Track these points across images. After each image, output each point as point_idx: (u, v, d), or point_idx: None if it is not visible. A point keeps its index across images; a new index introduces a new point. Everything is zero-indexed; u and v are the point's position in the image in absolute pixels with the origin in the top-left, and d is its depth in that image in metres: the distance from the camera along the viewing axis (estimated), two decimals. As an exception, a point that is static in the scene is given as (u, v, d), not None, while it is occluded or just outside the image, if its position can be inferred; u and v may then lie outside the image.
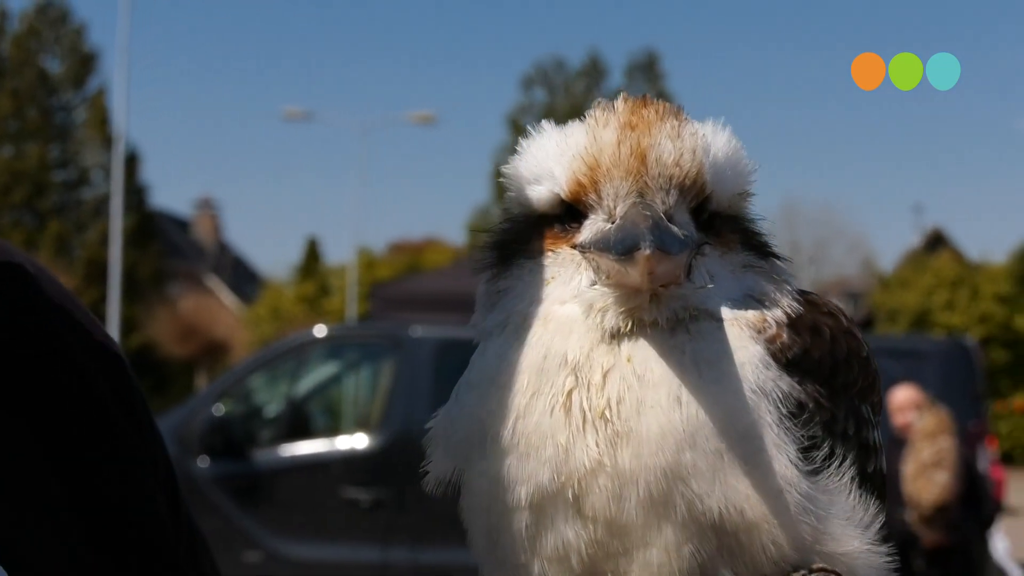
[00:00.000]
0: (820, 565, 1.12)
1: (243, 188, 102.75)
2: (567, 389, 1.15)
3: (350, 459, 10.47)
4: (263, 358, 11.59)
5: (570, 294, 1.20)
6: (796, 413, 1.16)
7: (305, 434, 11.08)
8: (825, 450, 1.18)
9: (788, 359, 1.18)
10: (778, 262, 1.28)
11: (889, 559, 1.20)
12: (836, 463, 1.18)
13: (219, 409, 10.85)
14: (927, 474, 8.49)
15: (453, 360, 9.81)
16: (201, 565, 1.49)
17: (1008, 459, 30.80)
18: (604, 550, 1.14)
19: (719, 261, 1.23)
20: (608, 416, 1.13)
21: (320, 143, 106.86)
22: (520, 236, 1.28)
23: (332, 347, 11.93)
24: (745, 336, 1.17)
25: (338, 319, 34.13)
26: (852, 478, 1.19)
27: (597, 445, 1.13)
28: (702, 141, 1.21)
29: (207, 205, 67.56)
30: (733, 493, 1.11)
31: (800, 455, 1.15)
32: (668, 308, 1.16)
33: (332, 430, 11.81)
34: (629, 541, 1.13)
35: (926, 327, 38.78)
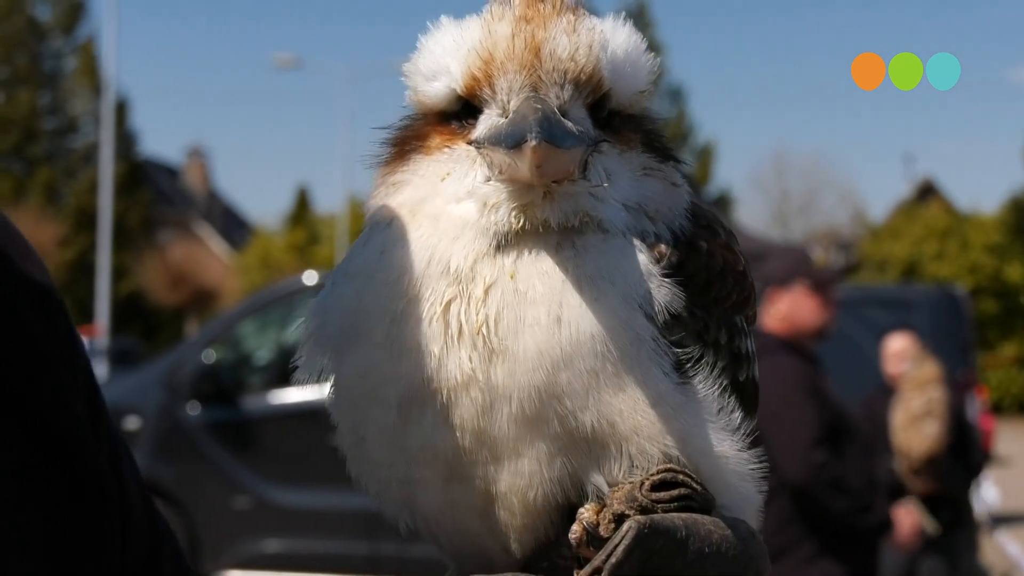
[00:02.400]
0: (667, 465, 1.13)
1: (233, 136, 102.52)
2: (446, 299, 1.14)
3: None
4: (253, 305, 11.56)
5: (464, 190, 1.18)
6: (671, 325, 1.16)
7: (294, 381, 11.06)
8: (697, 359, 1.18)
9: (665, 272, 1.17)
10: (677, 165, 1.27)
11: (756, 464, 1.21)
12: (706, 371, 1.19)
13: (209, 356, 10.85)
14: (917, 424, 8.45)
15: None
16: (121, 472, 1.46)
17: (997, 409, 30.97)
18: (471, 457, 1.15)
19: (618, 160, 1.21)
20: (485, 333, 1.12)
21: (310, 90, 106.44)
22: (417, 133, 1.25)
23: (322, 294, 11.89)
24: (630, 250, 1.16)
25: (328, 268, 34.03)
26: (723, 386, 1.20)
27: (471, 360, 1.13)
28: (599, 36, 1.19)
29: (197, 153, 67.28)
30: (607, 408, 1.12)
31: (673, 367, 1.15)
32: (560, 208, 1.15)
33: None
34: (499, 451, 1.14)
35: (916, 277, 38.88)
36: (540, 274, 1.13)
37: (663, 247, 1.19)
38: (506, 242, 1.15)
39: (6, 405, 1.33)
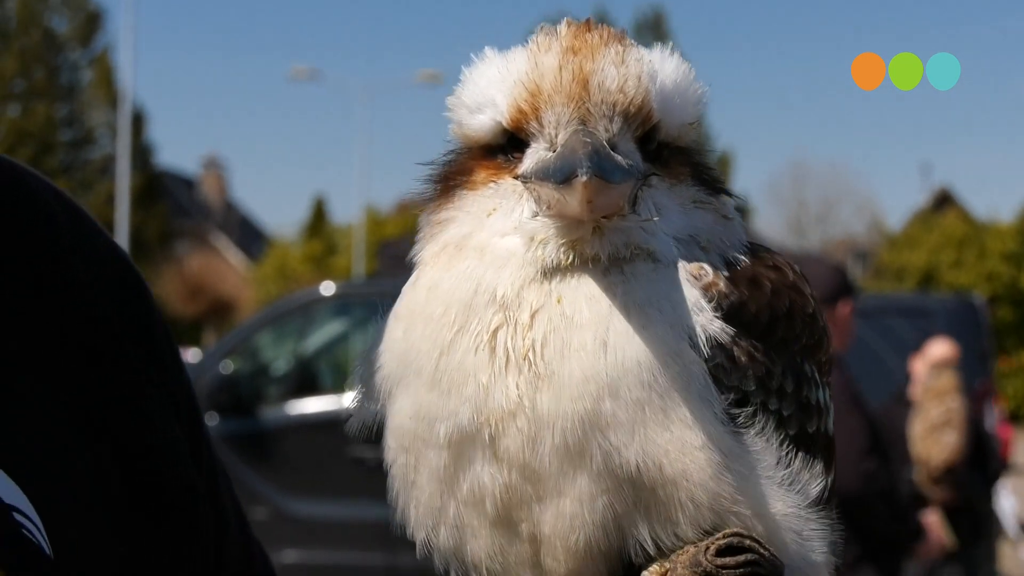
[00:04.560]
0: (734, 530, 1.09)
1: (250, 147, 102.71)
2: (493, 327, 1.13)
3: (357, 417, 10.45)
4: (270, 315, 11.56)
5: (511, 226, 1.16)
6: (726, 366, 1.12)
7: (312, 391, 11.06)
8: (756, 407, 1.14)
9: (724, 309, 1.14)
10: (728, 199, 1.24)
11: (823, 523, 1.16)
12: (766, 421, 1.14)
13: (227, 367, 10.84)
14: (936, 434, 8.45)
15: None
16: (219, 494, 1.46)
17: (1014, 418, 30.82)
18: (518, 496, 1.12)
19: (667, 193, 1.19)
20: (531, 358, 1.11)
21: (327, 102, 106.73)
22: (462, 168, 1.23)
23: (340, 304, 11.89)
24: (681, 281, 1.13)
25: (344, 278, 34.20)
26: (785, 438, 1.16)
27: (517, 387, 1.11)
28: (648, 67, 1.17)
29: (213, 164, 67.37)
30: (652, 447, 1.08)
31: (727, 410, 1.12)
32: (610, 242, 1.12)
33: (339, 388, 11.80)
34: (543, 488, 1.11)
35: (933, 286, 38.73)
36: (587, 298, 1.11)
37: (719, 281, 1.15)
38: (553, 270, 1.13)
39: (94, 427, 1.31)
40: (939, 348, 8.93)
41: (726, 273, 1.16)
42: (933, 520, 7.93)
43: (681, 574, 1.07)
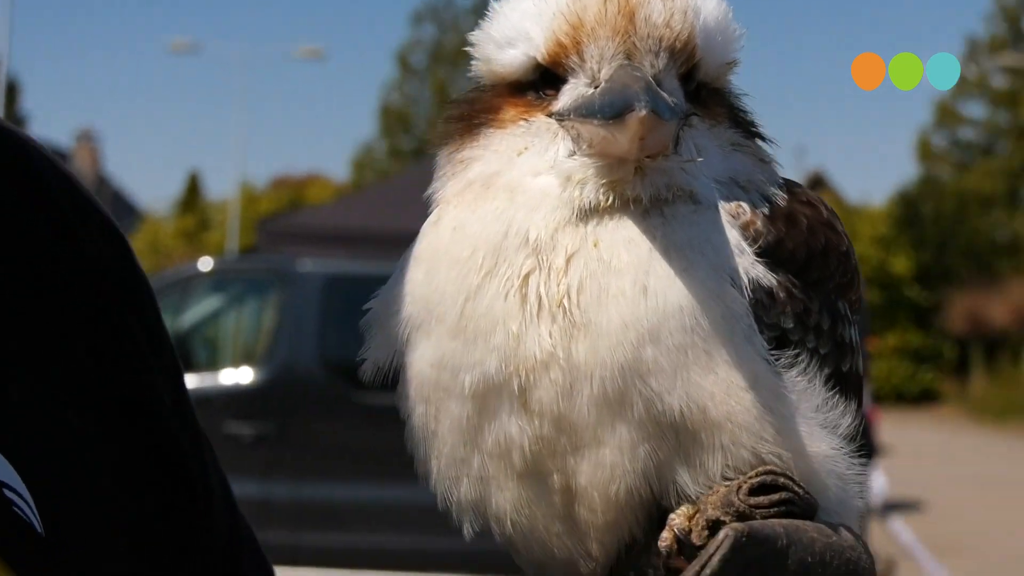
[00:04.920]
0: (767, 467, 1.05)
1: (125, 121, 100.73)
2: (524, 272, 1.07)
3: (233, 393, 10.33)
4: (146, 291, 11.36)
5: (545, 165, 1.11)
6: (767, 304, 1.09)
7: (188, 368, 10.94)
8: (796, 345, 1.11)
9: (761, 247, 1.10)
10: (763, 143, 1.20)
11: (859, 465, 1.13)
12: (807, 359, 1.11)
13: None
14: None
15: (341, 295, 9.75)
16: (204, 460, 1.42)
17: (878, 399, 31.65)
18: (550, 447, 1.08)
19: (707, 135, 1.14)
20: (566, 305, 1.06)
21: (206, 76, 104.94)
22: (488, 105, 1.17)
23: (217, 280, 11.74)
24: (721, 222, 1.09)
25: (218, 254, 33.68)
26: (824, 376, 1.13)
27: (551, 336, 1.06)
28: (692, 2, 1.13)
29: (87, 137, 65.76)
30: (696, 391, 1.04)
31: (769, 349, 1.08)
32: (652, 183, 1.08)
33: (215, 364, 11.66)
34: (579, 439, 1.06)
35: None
36: (626, 242, 1.06)
37: (756, 219, 1.11)
38: (590, 211, 1.08)
39: (92, 387, 1.29)
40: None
41: (765, 211, 1.13)
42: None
43: (712, 516, 1.03)
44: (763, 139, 1.21)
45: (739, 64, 1.20)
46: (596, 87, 1.09)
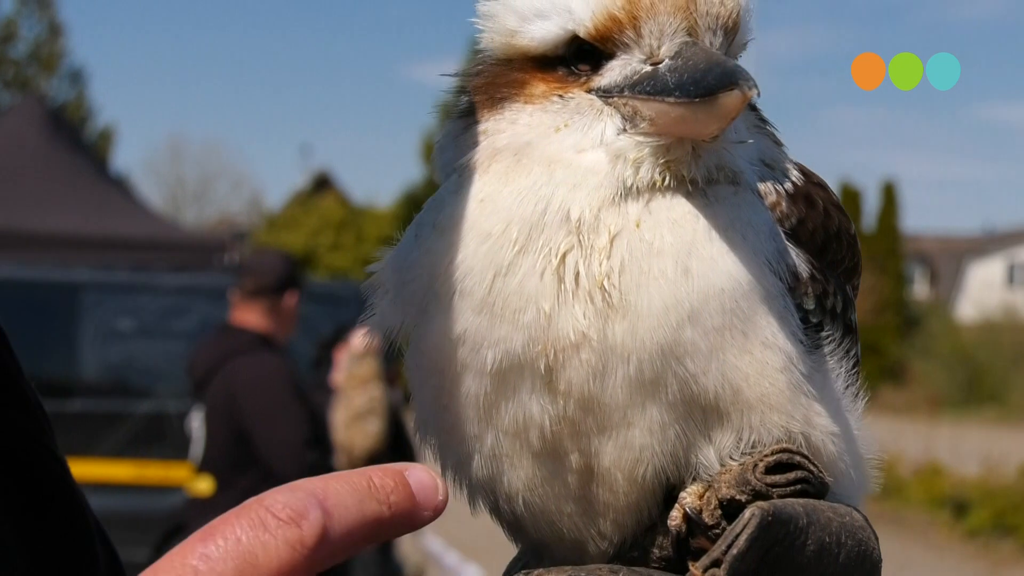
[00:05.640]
0: (782, 445, 1.05)
1: None
2: (563, 251, 1.05)
3: None
4: None
5: (590, 143, 1.07)
6: (793, 285, 1.10)
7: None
8: (822, 327, 1.12)
9: (787, 229, 1.11)
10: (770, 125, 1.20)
11: (871, 445, 1.17)
12: (830, 341, 1.13)
13: None
14: (359, 422, 8.60)
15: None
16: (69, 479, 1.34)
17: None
18: (573, 428, 1.06)
19: (740, 116, 1.11)
20: (606, 287, 1.03)
21: None
22: (510, 79, 1.13)
23: None
24: (759, 203, 1.10)
25: None
26: (842, 358, 1.15)
27: (585, 316, 1.04)
28: None
29: None
30: (732, 371, 1.04)
31: (803, 331, 1.09)
32: (705, 164, 1.07)
33: None
34: (607, 420, 1.05)
35: (312, 268, 39.81)
36: (670, 223, 1.05)
37: (781, 201, 1.12)
38: (632, 191, 1.06)
39: None
40: (358, 335, 9.07)
41: (787, 192, 1.13)
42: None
43: (726, 494, 1.02)
44: (766, 122, 1.21)
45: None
46: (656, 64, 1.07)
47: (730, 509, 1.01)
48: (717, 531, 1.00)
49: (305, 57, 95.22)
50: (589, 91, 1.10)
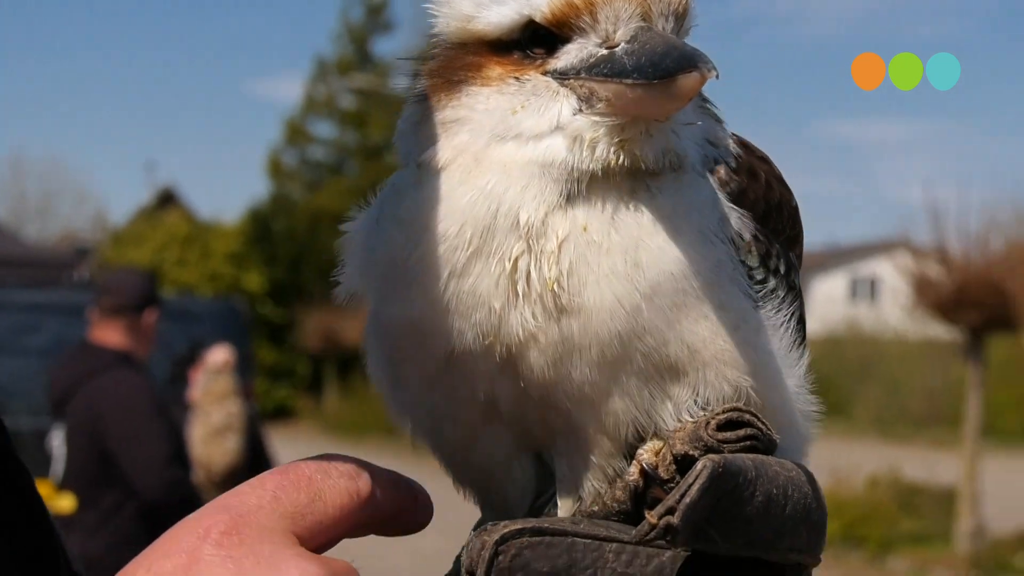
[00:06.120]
0: (733, 404, 1.11)
1: None
2: (515, 256, 1.10)
3: None
4: None
5: (548, 125, 1.12)
6: (742, 248, 1.16)
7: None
8: (766, 283, 1.18)
9: (728, 196, 1.17)
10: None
11: (813, 402, 1.23)
12: (775, 298, 1.19)
13: None
14: (218, 438, 8.59)
15: None
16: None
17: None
18: (542, 404, 1.12)
19: None
20: (556, 290, 1.09)
21: None
22: (466, 63, 1.17)
23: None
24: (702, 182, 1.16)
25: None
26: (793, 316, 1.21)
27: (535, 317, 1.09)
28: None
29: None
30: (690, 336, 1.11)
31: (751, 287, 1.16)
32: (655, 145, 1.12)
33: None
34: (580, 394, 1.10)
35: (158, 284, 39.04)
36: (615, 222, 1.10)
37: (724, 172, 1.18)
38: (578, 191, 1.10)
39: None
40: (218, 353, 9.10)
41: (732, 165, 1.19)
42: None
43: (680, 450, 1.08)
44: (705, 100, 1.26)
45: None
46: (611, 47, 1.11)
47: (684, 464, 1.06)
48: (672, 485, 1.06)
49: (148, 73, 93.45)
50: (545, 73, 1.13)
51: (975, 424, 15.67)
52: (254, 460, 8.79)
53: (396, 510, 1.11)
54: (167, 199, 52.20)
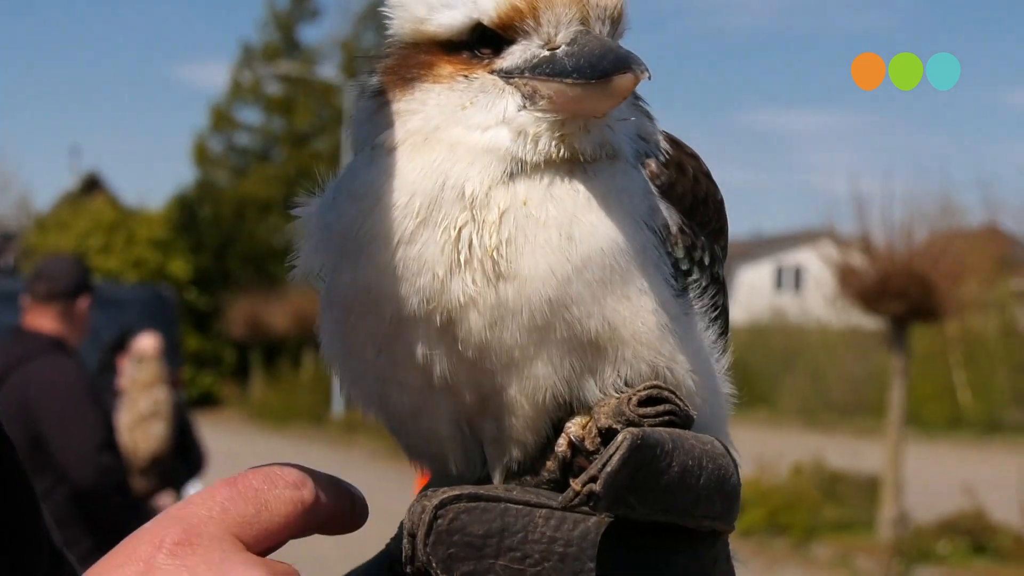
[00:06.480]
0: (653, 382, 1.18)
1: None
2: (459, 225, 1.17)
3: None
4: None
5: (494, 119, 1.20)
6: (665, 236, 1.23)
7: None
8: (686, 274, 1.26)
9: (659, 191, 1.25)
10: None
11: (730, 386, 1.32)
12: (696, 288, 1.27)
13: None
14: (144, 425, 8.56)
15: None
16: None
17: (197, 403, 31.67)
18: (473, 367, 1.19)
19: None
20: (495, 257, 1.16)
21: None
22: (419, 61, 1.25)
23: None
24: (634, 172, 1.23)
25: None
26: (712, 304, 1.29)
27: (474, 282, 1.16)
28: None
29: None
30: (612, 314, 1.18)
31: (673, 276, 1.23)
32: (592, 139, 1.20)
33: None
34: (509, 358, 1.18)
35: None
36: (553, 198, 1.18)
37: (655, 166, 1.25)
38: (520, 170, 1.18)
39: None
40: (145, 340, 9.06)
41: (662, 159, 1.27)
42: (166, 504, 7.98)
43: (604, 424, 1.16)
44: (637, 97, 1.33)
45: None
46: (553, 49, 1.20)
47: (608, 437, 1.15)
48: (596, 456, 1.13)
49: (73, 57, 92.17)
50: (491, 72, 1.22)
51: (898, 413, 15.89)
52: (180, 447, 8.77)
53: (336, 513, 1.19)
54: (92, 185, 51.53)
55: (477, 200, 1.17)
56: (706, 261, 1.28)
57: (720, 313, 1.32)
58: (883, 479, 16.06)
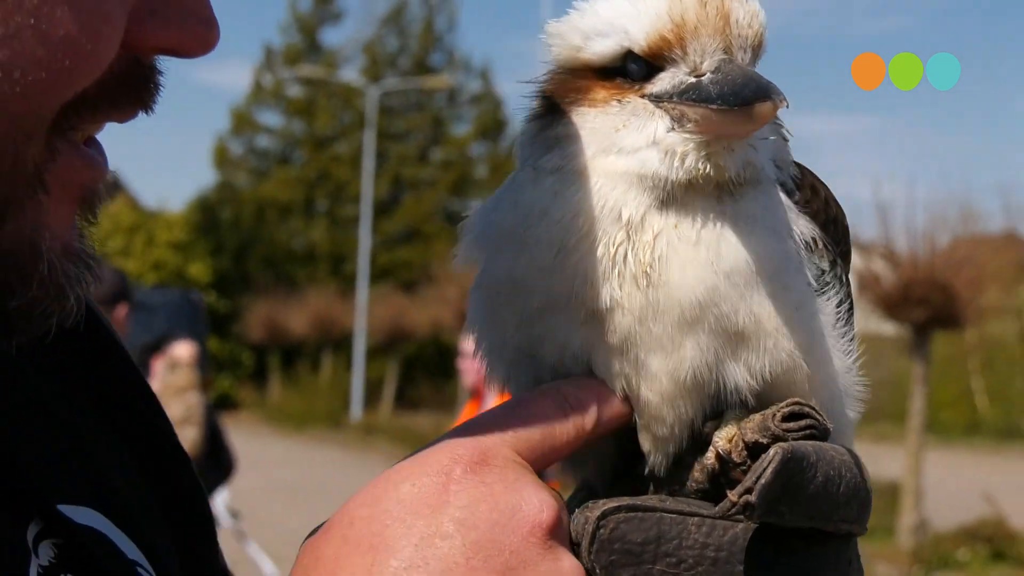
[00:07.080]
0: (795, 399, 1.27)
1: None
2: (617, 243, 1.26)
3: None
4: None
5: (645, 140, 1.28)
6: (811, 249, 1.34)
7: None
8: (830, 286, 1.35)
9: (796, 206, 1.34)
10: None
11: (861, 385, 1.40)
12: (835, 294, 1.36)
13: None
14: (177, 431, 8.53)
15: None
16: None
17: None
18: (615, 350, 1.27)
19: None
20: (648, 272, 1.25)
21: None
22: (576, 86, 1.34)
23: None
24: (776, 192, 1.32)
25: None
26: (849, 308, 1.39)
27: (622, 289, 1.25)
28: (760, 6, 1.32)
29: None
30: (758, 308, 1.27)
31: (814, 279, 1.33)
32: (736, 159, 1.27)
33: None
34: (657, 344, 1.26)
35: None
36: (702, 221, 1.26)
37: (792, 185, 1.35)
38: (672, 198, 1.27)
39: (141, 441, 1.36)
40: (182, 348, 9.11)
41: (797, 180, 1.36)
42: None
43: (751, 438, 1.24)
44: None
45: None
46: (699, 76, 1.27)
47: (754, 451, 1.24)
48: (743, 468, 1.23)
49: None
50: (642, 97, 1.30)
51: (919, 420, 15.94)
52: (212, 452, 8.83)
53: (606, 432, 1.29)
54: (112, 187, 51.59)
55: (633, 223, 1.26)
56: (840, 275, 1.38)
57: (849, 313, 1.41)
58: (903, 486, 16.09)
